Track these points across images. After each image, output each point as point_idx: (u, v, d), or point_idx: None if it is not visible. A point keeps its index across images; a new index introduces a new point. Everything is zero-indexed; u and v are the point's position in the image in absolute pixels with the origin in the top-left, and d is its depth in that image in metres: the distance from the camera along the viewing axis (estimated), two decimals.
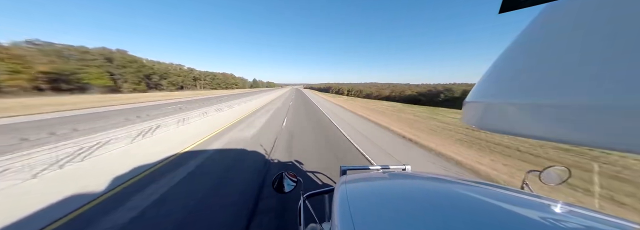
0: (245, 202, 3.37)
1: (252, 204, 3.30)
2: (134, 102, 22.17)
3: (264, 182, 4.06)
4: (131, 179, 4.13)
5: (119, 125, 9.31)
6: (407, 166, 1.89)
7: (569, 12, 0.45)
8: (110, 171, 4.43)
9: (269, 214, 3.06)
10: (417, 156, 6.08)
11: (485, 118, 0.60)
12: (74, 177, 4.16)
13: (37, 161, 4.94)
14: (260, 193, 3.64)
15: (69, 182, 3.93)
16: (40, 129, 8.50)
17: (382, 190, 1.16)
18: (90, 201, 3.34)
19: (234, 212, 3.10)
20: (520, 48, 0.57)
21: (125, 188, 3.78)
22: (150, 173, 4.42)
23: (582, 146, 0.38)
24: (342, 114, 15.01)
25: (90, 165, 4.78)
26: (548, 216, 0.77)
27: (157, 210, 3.11)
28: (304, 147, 6.41)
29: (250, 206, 3.25)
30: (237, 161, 5.18)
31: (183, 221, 2.88)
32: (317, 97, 41.47)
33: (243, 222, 2.90)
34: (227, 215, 3.03)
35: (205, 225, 2.83)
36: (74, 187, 3.76)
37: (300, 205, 1.56)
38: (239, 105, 20.11)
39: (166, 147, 6.20)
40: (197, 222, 2.89)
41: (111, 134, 7.61)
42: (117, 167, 4.67)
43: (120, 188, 3.77)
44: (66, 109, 15.30)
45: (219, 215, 3.02)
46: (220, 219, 2.94)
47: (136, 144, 6.45)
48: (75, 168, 4.63)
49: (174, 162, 5.05)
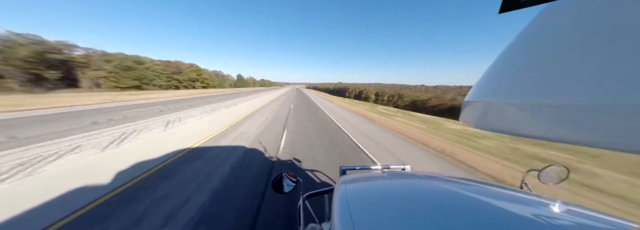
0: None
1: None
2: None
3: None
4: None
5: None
6: (407, 166, 1.89)
7: (569, 12, 0.45)
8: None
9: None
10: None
11: (484, 118, 0.60)
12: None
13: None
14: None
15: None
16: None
17: (382, 190, 1.16)
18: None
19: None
20: (520, 48, 0.57)
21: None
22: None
23: (582, 146, 0.38)
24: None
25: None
26: (547, 216, 0.77)
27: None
28: None
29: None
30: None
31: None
32: (345, 111, 17.77)
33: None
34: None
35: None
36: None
37: (300, 205, 1.56)
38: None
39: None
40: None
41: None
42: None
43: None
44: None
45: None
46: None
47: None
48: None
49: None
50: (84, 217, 2.97)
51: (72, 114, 11.84)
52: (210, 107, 16.55)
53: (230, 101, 23.00)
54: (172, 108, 15.41)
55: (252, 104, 20.03)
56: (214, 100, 24.16)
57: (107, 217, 2.98)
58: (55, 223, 2.83)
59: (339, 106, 22.17)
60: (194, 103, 20.04)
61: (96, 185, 3.83)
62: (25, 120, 9.57)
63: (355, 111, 17.82)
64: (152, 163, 4.91)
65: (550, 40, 0.47)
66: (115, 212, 3.08)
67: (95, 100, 19.33)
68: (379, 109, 22.33)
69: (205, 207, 3.24)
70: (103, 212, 3.08)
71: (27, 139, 6.50)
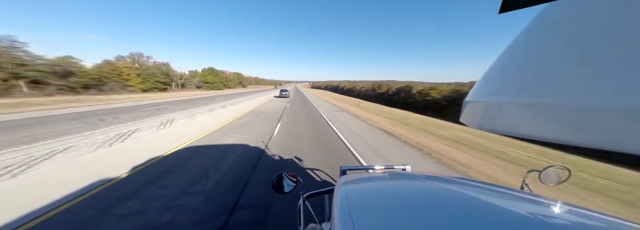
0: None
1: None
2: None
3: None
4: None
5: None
6: (407, 166, 1.89)
7: (569, 12, 0.45)
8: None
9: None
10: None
11: (484, 118, 0.60)
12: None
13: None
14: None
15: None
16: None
17: (382, 191, 1.16)
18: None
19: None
20: (521, 48, 0.57)
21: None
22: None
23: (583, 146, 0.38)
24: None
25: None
26: (548, 216, 0.77)
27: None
28: None
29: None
30: None
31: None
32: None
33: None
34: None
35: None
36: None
37: (300, 205, 1.56)
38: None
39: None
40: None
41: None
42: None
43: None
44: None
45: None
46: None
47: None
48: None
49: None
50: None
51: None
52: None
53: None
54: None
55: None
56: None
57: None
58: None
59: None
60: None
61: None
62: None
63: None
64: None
65: (550, 40, 0.47)
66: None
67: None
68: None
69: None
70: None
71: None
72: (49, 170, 4.45)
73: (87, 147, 6.02)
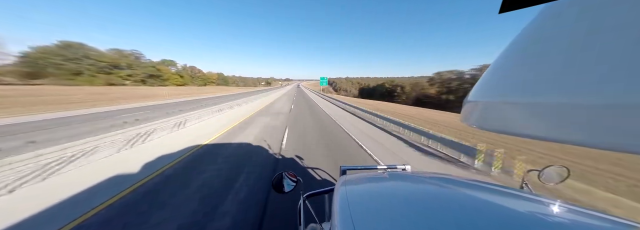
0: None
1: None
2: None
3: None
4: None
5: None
6: (407, 166, 1.89)
7: (569, 12, 0.45)
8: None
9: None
10: None
11: (485, 118, 0.60)
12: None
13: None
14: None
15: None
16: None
17: (382, 190, 1.16)
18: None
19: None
20: (521, 47, 0.57)
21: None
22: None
23: (583, 146, 0.38)
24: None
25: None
26: (548, 216, 0.77)
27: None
28: None
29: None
30: None
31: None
32: None
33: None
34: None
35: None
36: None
37: (300, 205, 1.56)
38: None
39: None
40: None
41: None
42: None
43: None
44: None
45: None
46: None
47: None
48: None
49: None
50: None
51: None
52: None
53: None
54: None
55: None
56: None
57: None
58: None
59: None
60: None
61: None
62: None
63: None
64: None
65: (551, 40, 0.47)
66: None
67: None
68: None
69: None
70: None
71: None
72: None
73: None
